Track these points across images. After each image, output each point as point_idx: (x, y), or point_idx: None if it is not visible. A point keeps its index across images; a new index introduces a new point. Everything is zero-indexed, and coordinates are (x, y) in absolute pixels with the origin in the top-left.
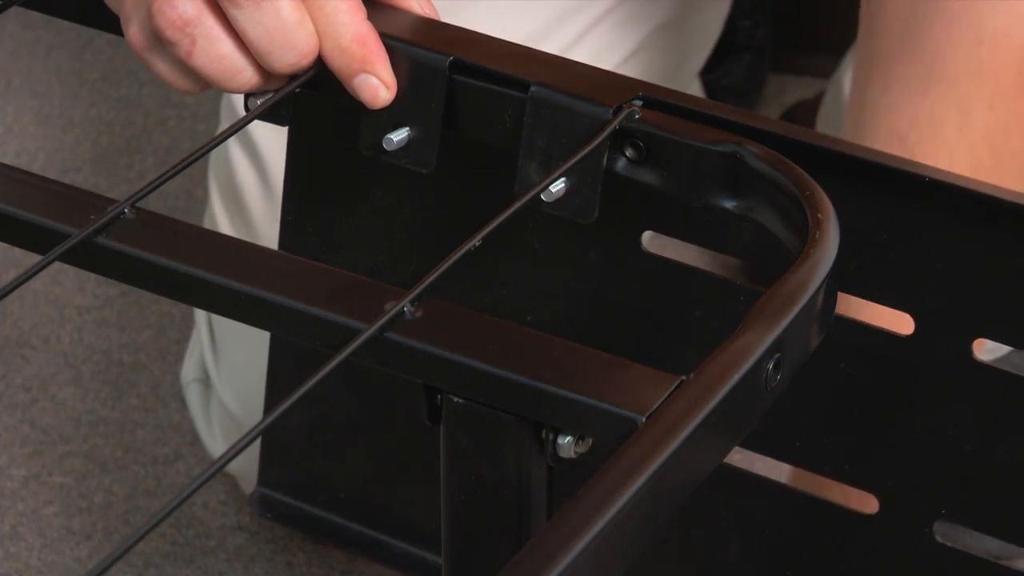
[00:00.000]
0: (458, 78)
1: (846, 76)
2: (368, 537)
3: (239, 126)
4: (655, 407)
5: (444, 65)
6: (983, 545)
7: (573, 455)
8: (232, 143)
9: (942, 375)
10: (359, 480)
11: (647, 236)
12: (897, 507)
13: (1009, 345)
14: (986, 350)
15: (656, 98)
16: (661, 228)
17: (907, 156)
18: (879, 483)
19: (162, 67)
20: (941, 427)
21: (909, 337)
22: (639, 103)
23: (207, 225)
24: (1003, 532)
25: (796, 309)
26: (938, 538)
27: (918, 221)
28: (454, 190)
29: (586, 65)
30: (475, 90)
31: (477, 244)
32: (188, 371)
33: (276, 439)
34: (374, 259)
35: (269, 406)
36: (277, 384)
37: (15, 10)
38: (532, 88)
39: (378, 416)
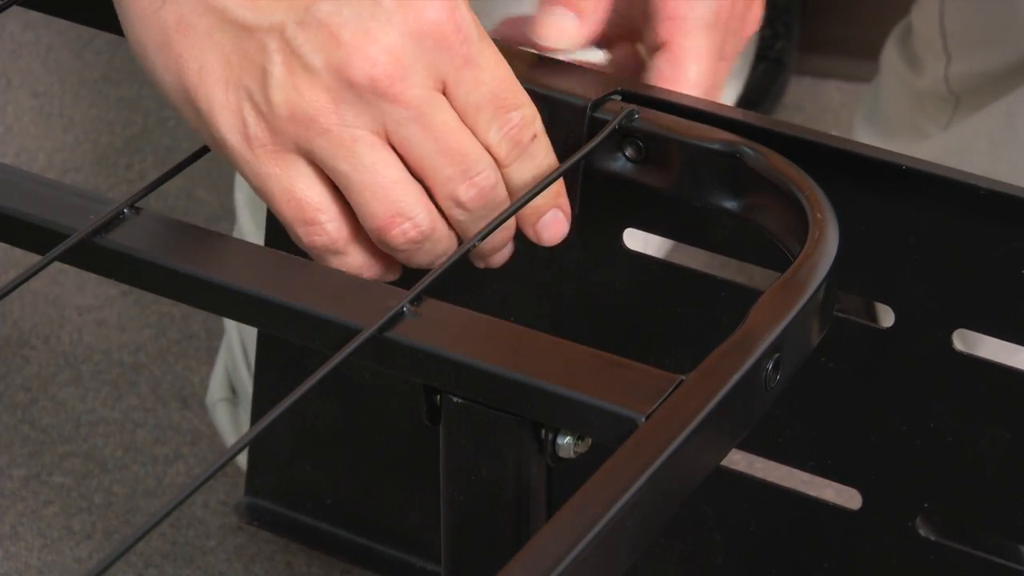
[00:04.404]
0: None
1: (886, 74)
2: (356, 544)
3: None
4: (655, 407)
5: None
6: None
7: (572, 455)
8: None
9: (923, 367)
10: (346, 487)
11: (628, 233)
12: (880, 502)
13: (989, 335)
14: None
15: (633, 92)
16: (642, 225)
17: None
18: (863, 478)
19: (356, 260)
20: (922, 420)
21: (889, 329)
22: (618, 97)
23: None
24: (986, 525)
25: (796, 309)
26: (921, 532)
27: (895, 211)
28: None
29: (565, 63)
30: None
31: (477, 243)
32: (214, 391)
33: (263, 447)
34: None
35: (257, 413)
36: (265, 390)
37: (15, 10)
38: None
39: (365, 423)
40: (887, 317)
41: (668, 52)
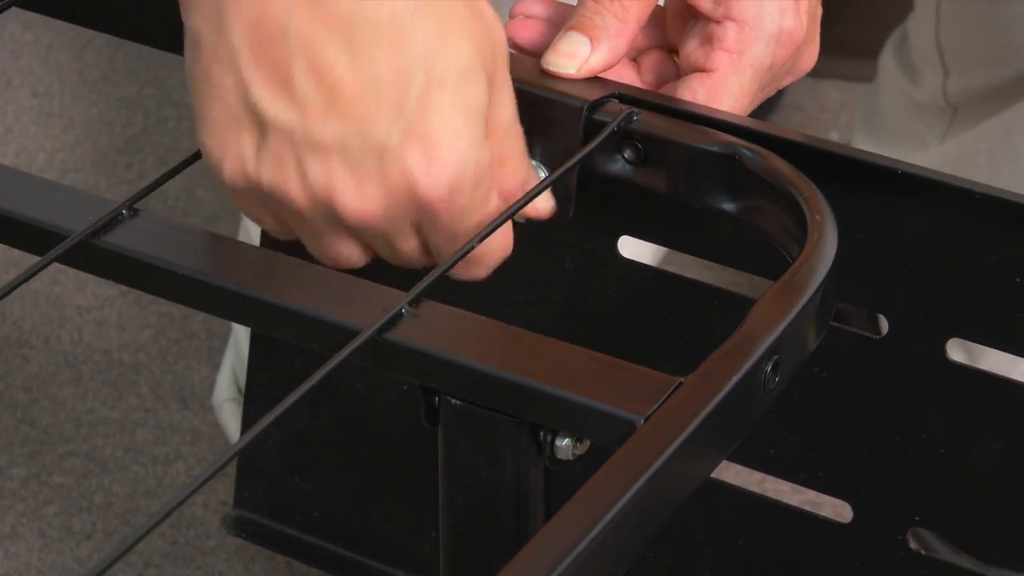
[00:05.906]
0: None
1: (884, 80)
2: (343, 557)
3: None
4: (654, 409)
5: None
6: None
7: (571, 457)
8: None
9: (916, 376)
10: (334, 500)
11: (623, 241)
12: (871, 514)
13: (983, 344)
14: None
15: (630, 95)
16: (637, 233)
17: None
18: (854, 490)
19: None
20: (915, 431)
21: (883, 338)
22: (615, 100)
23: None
24: (977, 537)
25: (795, 311)
26: (911, 545)
27: (890, 217)
28: None
29: None
30: None
31: (475, 245)
32: (221, 391)
33: (251, 461)
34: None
35: (248, 420)
36: (258, 398)
37: (15, 10)
38: None
39: (353, 436)
40: (881, 326)
41: (711, 80)
